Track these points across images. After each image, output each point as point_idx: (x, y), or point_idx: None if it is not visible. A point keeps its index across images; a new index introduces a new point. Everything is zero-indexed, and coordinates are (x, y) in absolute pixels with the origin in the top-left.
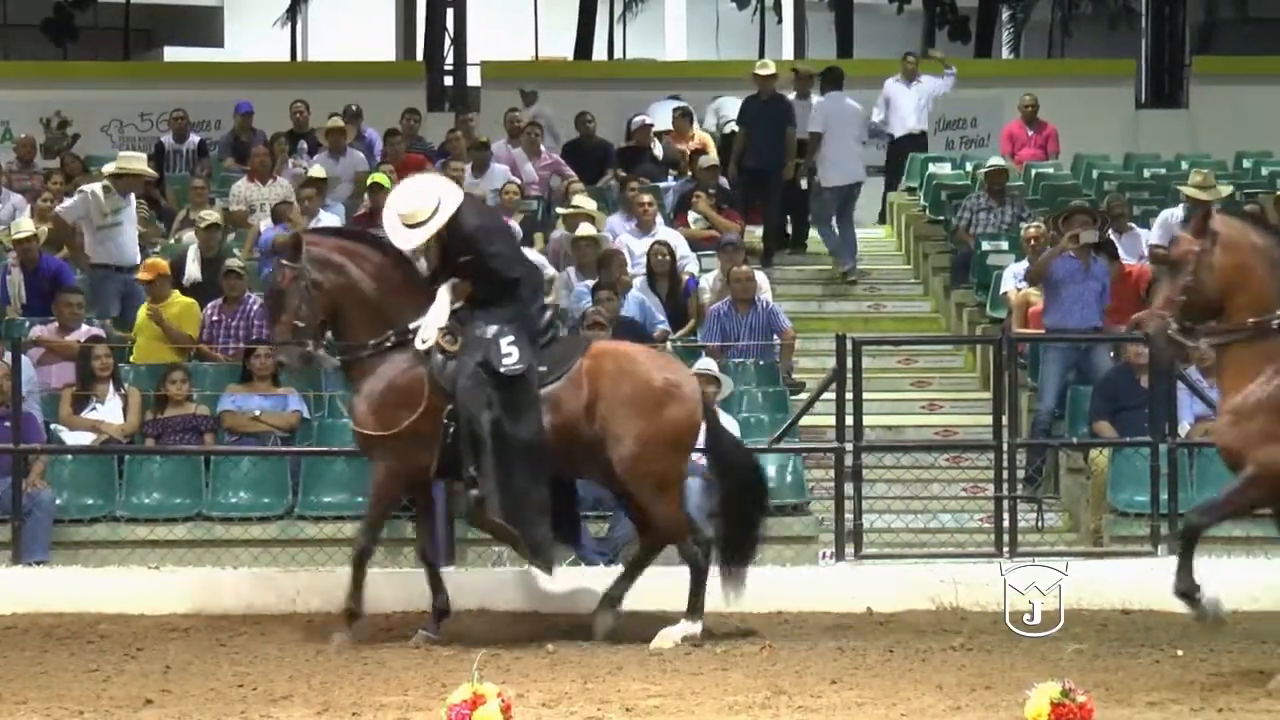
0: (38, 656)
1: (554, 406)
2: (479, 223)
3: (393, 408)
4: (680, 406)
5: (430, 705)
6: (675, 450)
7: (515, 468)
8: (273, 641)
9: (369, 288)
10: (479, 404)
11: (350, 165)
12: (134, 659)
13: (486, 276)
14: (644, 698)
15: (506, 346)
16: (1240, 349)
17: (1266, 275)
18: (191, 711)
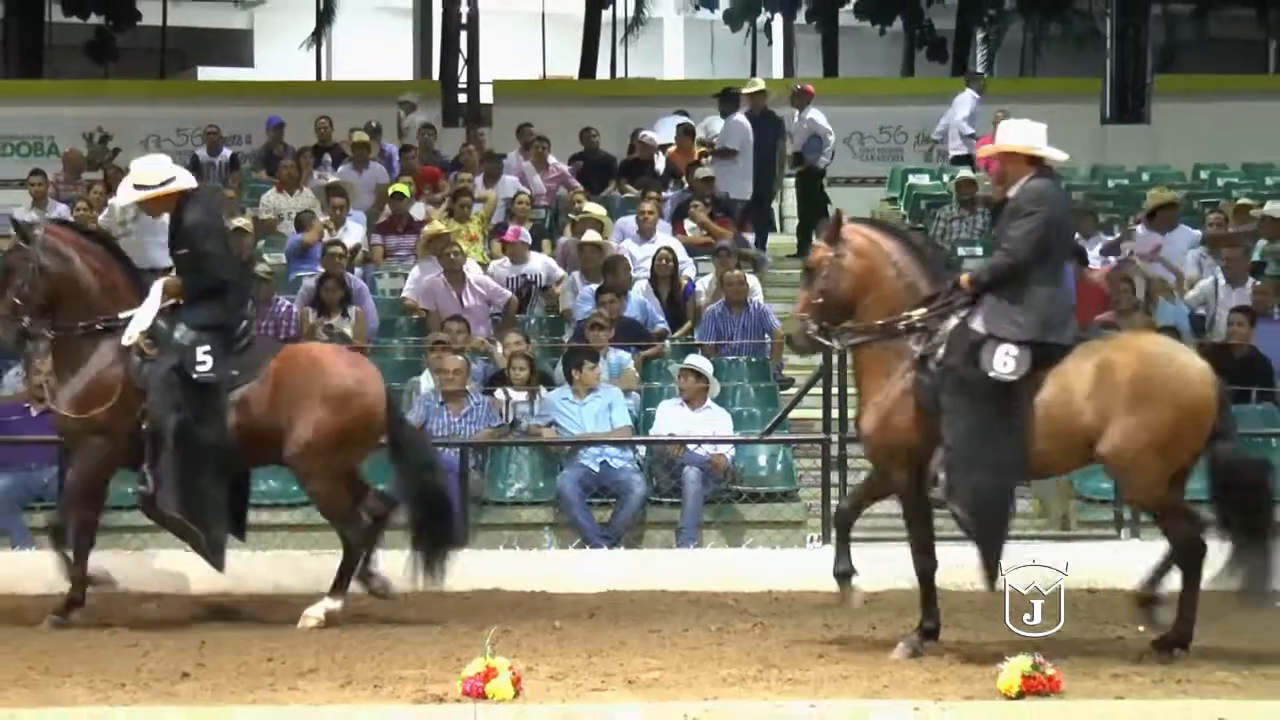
0: (82, 634)
1: (242, 406)
2: (202, 219)
3: (90, 398)
4: (359, 403)
5: (447, 678)
6: (347, 442)
7: (197, 469)
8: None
9: (89, 280)
10: (167, 406)
11: (372, 177)
12: (172, 635)
13: (198, 273)
14: (645, 671)
15: (201, 354)
16: (874, 348)
17: (894, 278)
18: (225, 684)
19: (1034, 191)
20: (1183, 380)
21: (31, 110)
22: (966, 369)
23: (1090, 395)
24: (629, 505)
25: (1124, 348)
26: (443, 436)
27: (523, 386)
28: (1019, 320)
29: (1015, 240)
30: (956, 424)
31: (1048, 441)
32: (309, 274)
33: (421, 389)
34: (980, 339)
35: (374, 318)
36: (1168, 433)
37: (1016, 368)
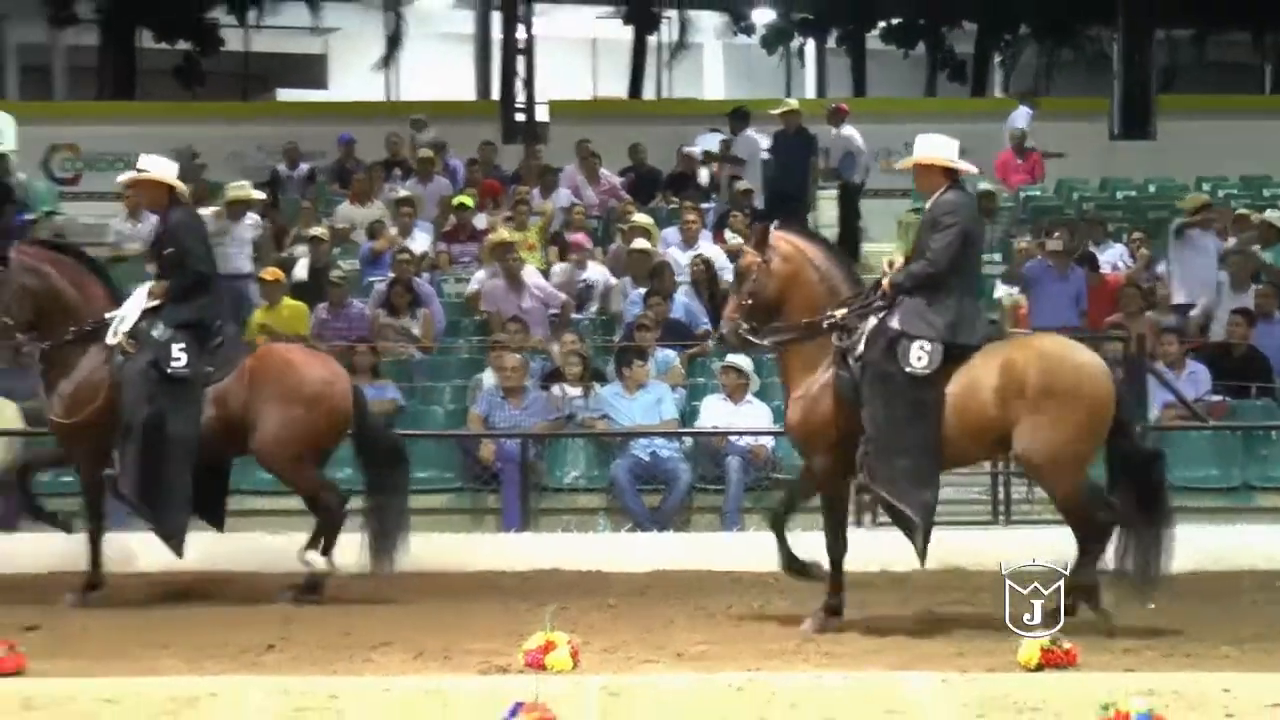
0: (173, 609)
1: (217, 401)
2: (186, 219)
3: (79, 400)
4: (326, 400)
5: (510, 651)
6: (314, 434)
7: (164, 459)
8: (373, 597)
9: (68, 292)
10: (139, 399)
11: (436, 190)
12: (259, 610)
13: (181, 271)
14: (692, 645)
15: (177, 351)
16: (799, 346)
17: (817, 281)
18: (306, 656)
19: (949, 204)
20: (1083, 377)
21: (125, 129)
22: (885, 364)
23: (996, 390)
24: (676, 492)
25: (1025, 347)
26: (505, 428)
27: (577, 382)
28: (932, 320)
29: (936, 251)
30: (876, 414)
31: (958, 432)
32: (380, 279)
33: (484, 384)
34: (896, 335)
35: (440, 319)
36: (1073, 427)
37: (930, 363)
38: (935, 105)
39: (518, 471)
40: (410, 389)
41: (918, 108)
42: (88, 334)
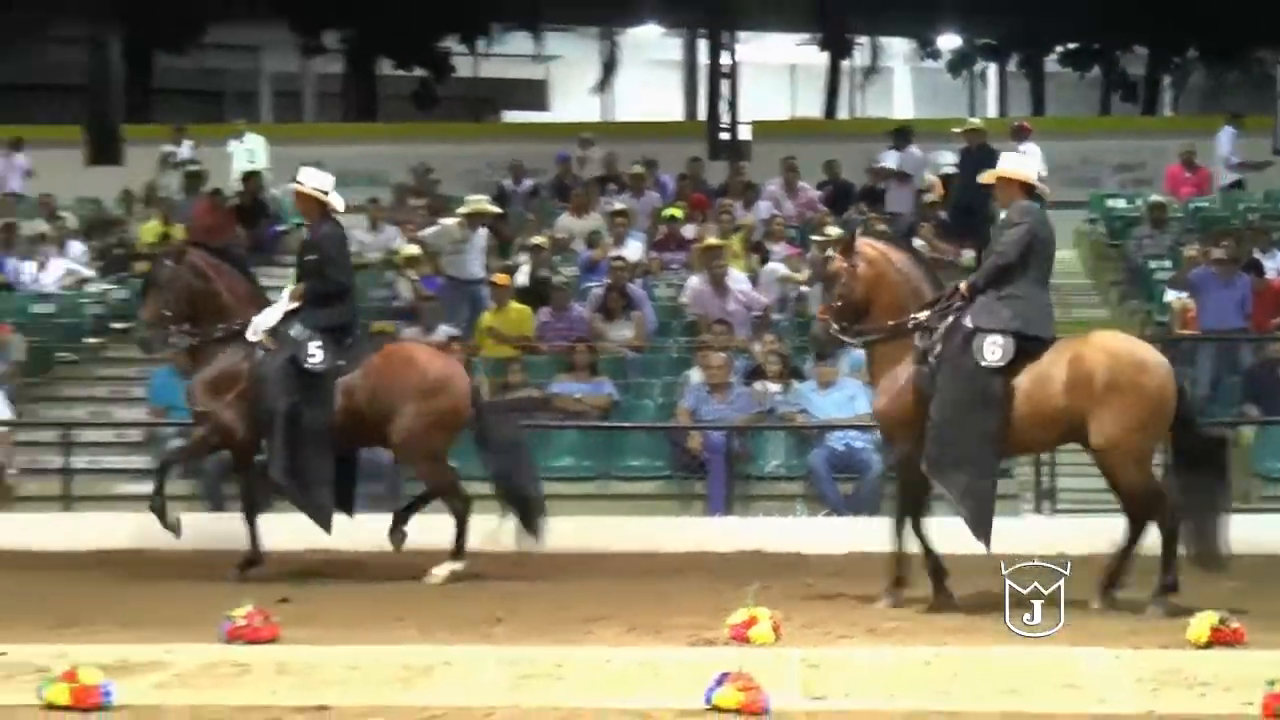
0: (400, 585)
1: (347, 393)
2: (335, 231)
3: (220, 388)
4: (447, 395)
5: (715, 625)
6: (441, 427)
7: (304, 445)
8: (589, 575)
9: (223, 293)
10: (280, 392)
11: (648, 203)
12: (484, 587)
13: (321, 278)
14: (884, 621)
15: (313, 348)
16: (884, 344)
17: (901, 284)
18: (529, 629)
19: (1021, 209)
20: (1146, 372)
21: (367, 149)
22: (960, 357)
23: (1065, 384)
24: (869, 480)
25: (1093, 344)
26: (710, 421)
27: (777, 379)
28: (999, 312)
29: (1006, 245)
30: (944, 404)
31: (1028, 422)
32: (597, 284)
33: (692, 381)
34: (971, 331)
35: (652, 321)
36: (1135, 419)
37: (1003, 355)
38: (1109, 123)
39: (723, 461)
40: (624, 385)
41: (1092, 126)
42: (234, 332)
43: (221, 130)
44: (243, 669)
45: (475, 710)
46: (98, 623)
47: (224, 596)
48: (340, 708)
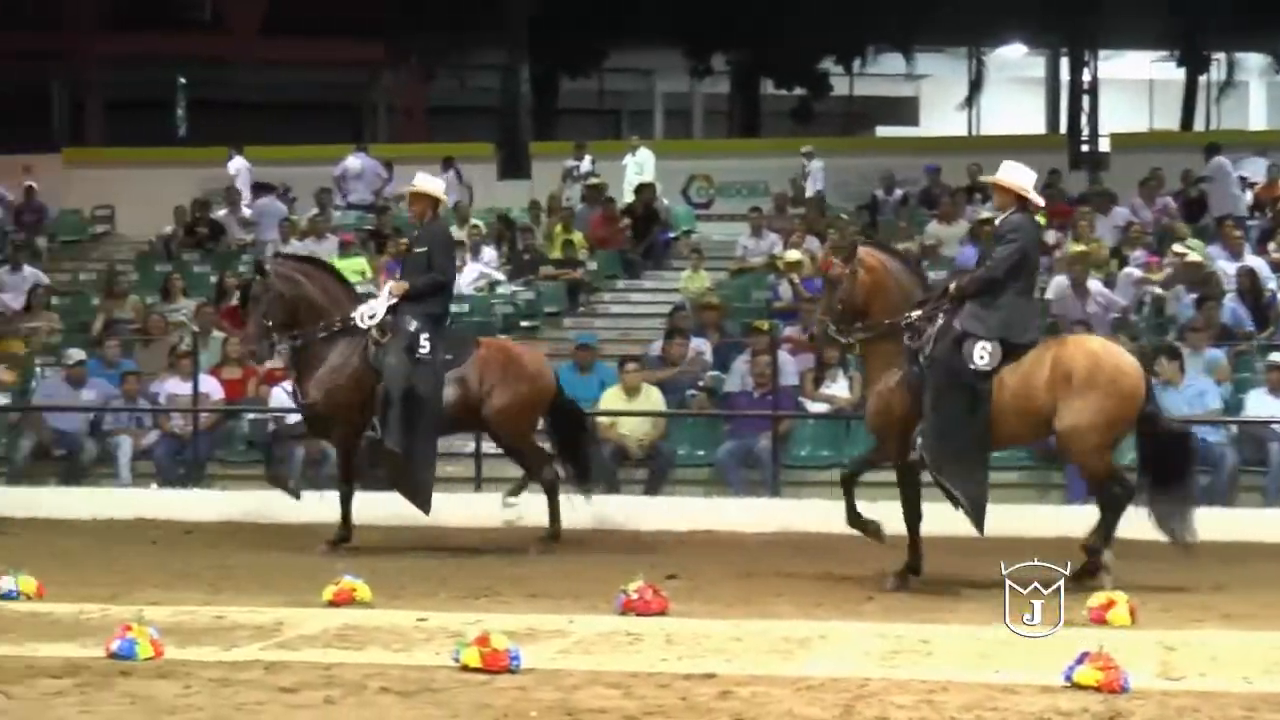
0: (792, 562)
1: (458, 383)
2: (444, 228)
3: (335, 384)
4: (536, 383)
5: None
6: (532, 409)
7: (418, 428)
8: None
9: (318, 296)
10: (400, 378)
11: None
12: (853, 571)
13: (428, 271)
14: (1238, 606)
15: (424, 340)
16: (879, 344)
17: (896, 289)
18: (899, 607)
19: (1014, 224)
20: (1120, 373)
21: (750, 162)
22: (950, 360)
23: (1046, 381)
24: (1222, 473)
25: (1073, 345)
26: None
27: None
28: (985, 319)
29: (997, 260)
30: (935, 404)
31: (1013, 416)
32: None
33: None
34: (961, 335)
35: None
36: (1104, 414)
37: (990, 360)
38: None
39: None
40: None
41: None
42: (336, 331)
43: (618, 146)
44: (635, 638)
45: (850, 680)
46: (506, 594)
47: (617, 573)
48: (725, 675)
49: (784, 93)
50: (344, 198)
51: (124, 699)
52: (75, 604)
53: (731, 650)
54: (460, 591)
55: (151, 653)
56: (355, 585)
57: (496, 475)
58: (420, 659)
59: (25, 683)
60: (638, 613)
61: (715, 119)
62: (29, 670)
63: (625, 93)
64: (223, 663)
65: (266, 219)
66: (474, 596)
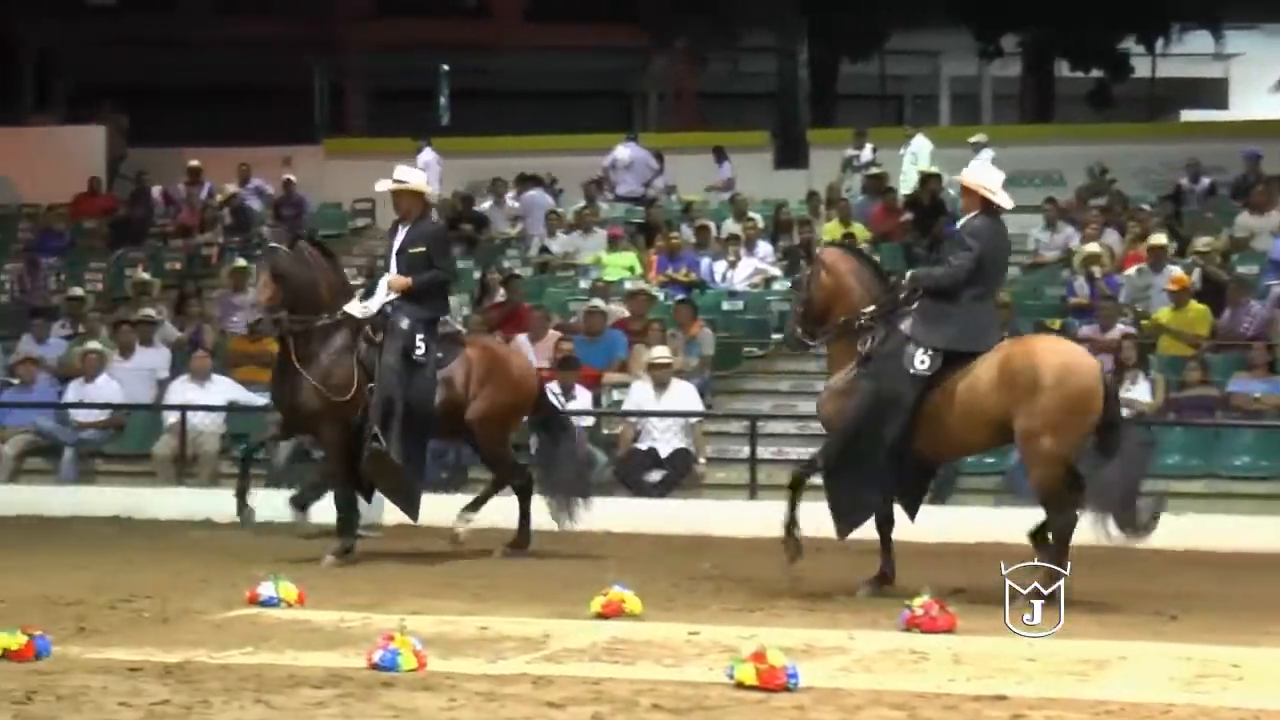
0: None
1: (447, 383)
2: (441, 227)
3: (342, 382)
4: (525, 386)
5: None
6: (514, 413)
7: (413, 431)
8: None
9: (321, 284)
10: (397, 383)
11: None
12: (1148, 586)
13: (427, 270)
14: None
15: (419, 341)
16: (840, 345)
17: (859, 289)
18: (1203, 625)
19: (975, 229)
20: (1069, 374)
21: (1043, 150)
22: (888, 362)
23: (993, 385)
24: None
25: (1021, 345)
26: None
27: None
28: (942, 331)
29: (954, 269)
30: (862, 403)
31: (960, 424)
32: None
33: None
34: (905, 339)
35: None
36: (1055, 419)
37: (930, 366)
38: None
39: None
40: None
41: None
42: (331, 325)
43: (901, 134)
44: (920, 657)
45: (1152, 706)
46: (781, 608)
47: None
48: (1016, 698)
49: (1080, 75)
50: (612, 189)
51: (386, 711)
52: (336, 612)
53: (1024, 671)
54: (733, 604)
55: (414, 664)
56: (624, 596)
57: (769, 483)
58: (692, 675)
59: (286, 692)
60: (923, 629)
61: (1005, 104)
62: (290, 680)
63: (909, 77)
64: (488, 675)
65: (532, 212)
66: (748, 609)
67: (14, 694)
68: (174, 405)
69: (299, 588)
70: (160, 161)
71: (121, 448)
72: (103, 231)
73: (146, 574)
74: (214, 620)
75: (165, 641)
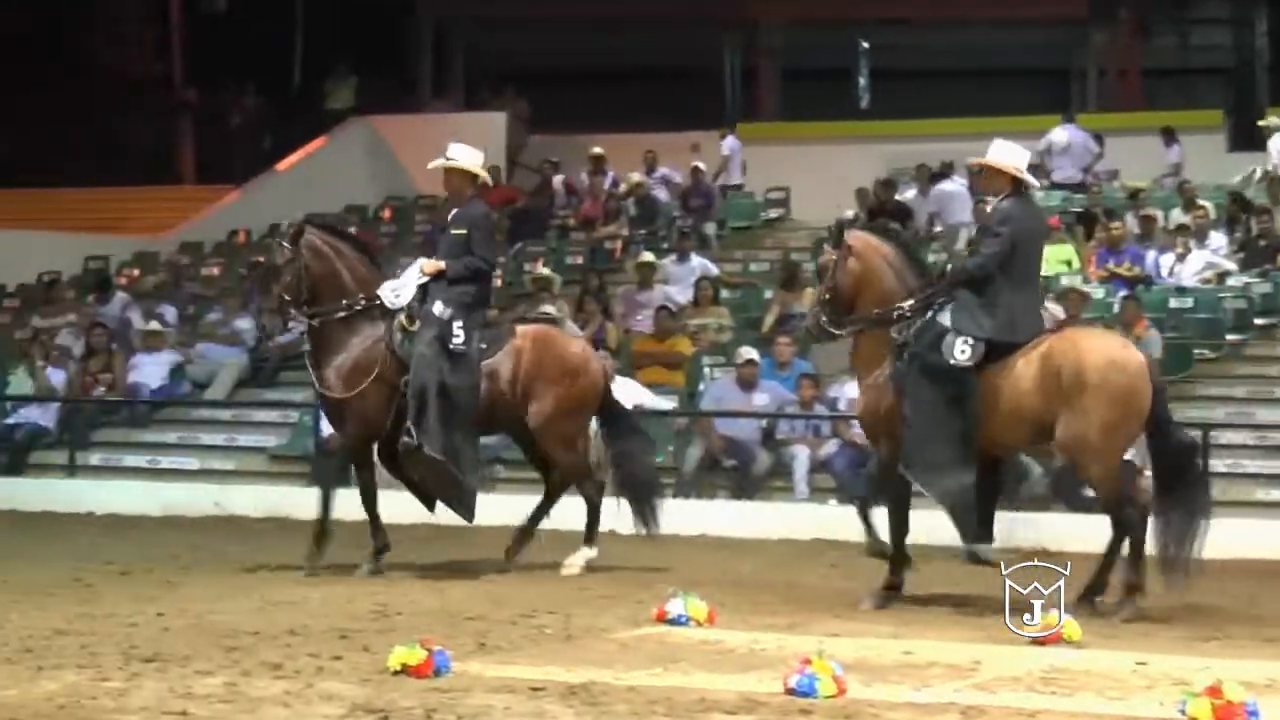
0: None
1: (491, 376)
2: (486, 211)
3: (356, 373)
4: (586, 378)
5: None
6: (579, 411)
7: (456, 424)
8: None
9: (345, 276)
10: (432, 370)
11: None
12: None
13: (467, 255)
14: None
15: (457, 329)
16: (871, 337)
17: (890, 277)
18: None
19: (1004, 213)
20: (1114, 370)
21: None
22: (930, 355)
23: (1034, 381)
24: None
25: (1064, 340)
26: None
27: None
28: (981, 321)
29: (985, 256)
30: (916, 403)
31: (1000, 420)
32: None
33: None
34: (944, 330)
35: None
36: (1102, 418)
37: (972, 355)
38: None
39: None
40: None
41: None
42: (357, 312)
43: None
44: None
45: None
46: (1237, 637)
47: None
48: None
49: None
50: (1048, 175)
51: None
52: (749, 633)
53: None
54: (1183, 632)
55: (834, 690)
56: (1064, 622)
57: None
58: (1140, 709)
59: (697, 717)
60: None
61: None
62: (701, 704)
63: None
64: (913, 705)
65: (955, 202)
66: (1200, 638)
67: (413, 712)
68: None
69: (710, 606)
70: (561, 149)
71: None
72: (501, 224)
73: (548, 588)
74: (619, 639)
75: (569, 660)
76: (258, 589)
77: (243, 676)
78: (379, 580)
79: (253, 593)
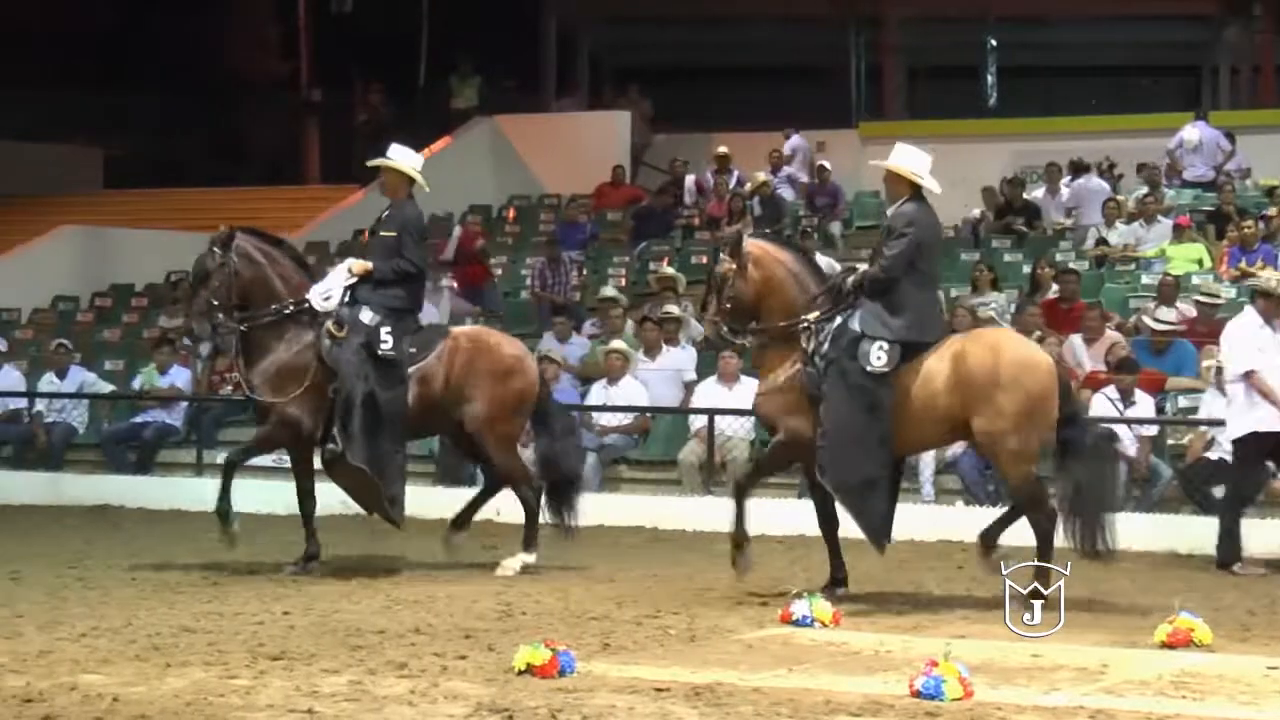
0: None
1: (422, 380)
2: (418, 213)
3: (285, 380)
4: (521, 378)
5: None
6: (516, 412)
7: (382, 433)
8: None
9: (275, 281)
10: (358, 377)
11: None
12: None
13: (396, 258)
14: None
15: (385, 335)
16: (774, 344)
17: (792, 285)
18: None
19: (906, 216)
20: (1024, 369)
21: None
22: (845, 362)
23: (947, 381)
24: None
25: (975, 341)
26: None
27: None
28: (889, 323)
29: (889, 259)
30: (833, 410)
31: (914, 420)
32: None
33: None
34: (858, 336)
35: None
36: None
37: (888, 361)
38: None
39: None
40: None
41: None
42: (285, 315)
43: None
44: None
45: None
46: None
47: None
48: None
49: None
50: (1178, 174)
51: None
52: (874, 634)
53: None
54: None
55: (961, 693)
56: (1193, 625)
57: None
58: (1272, 714)
59: (823, 719)
60: None
61: None
62: (826, 706)
63: None
64: (1040, 708)
65: (1088, 200)
66: None
67: (538, 712)
68: (701, 409)
69: (835, 607)
70: (685, 147)
71: (646, 454)
72: (626, 224)
73: (673, 588)
74: (744, 640)
75: (693, 661)
76: (384, 588)
77: (368, 675)
78: (503, 580)
79: (379, 591)
